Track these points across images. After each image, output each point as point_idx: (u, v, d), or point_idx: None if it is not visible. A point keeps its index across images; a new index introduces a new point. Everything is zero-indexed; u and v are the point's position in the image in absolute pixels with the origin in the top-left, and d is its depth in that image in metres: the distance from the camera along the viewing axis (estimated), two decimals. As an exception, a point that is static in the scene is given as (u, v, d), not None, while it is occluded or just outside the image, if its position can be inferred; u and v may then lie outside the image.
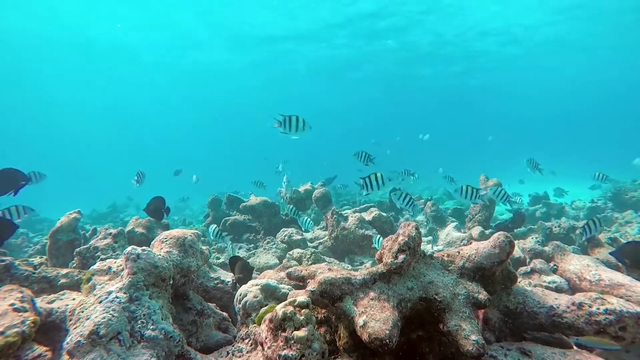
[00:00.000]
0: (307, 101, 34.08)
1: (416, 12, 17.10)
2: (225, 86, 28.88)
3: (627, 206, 8.01)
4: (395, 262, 2.04)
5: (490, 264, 2.13)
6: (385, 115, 44.77)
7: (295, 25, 18.48)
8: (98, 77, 26.28)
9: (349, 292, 1.99)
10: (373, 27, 18.68)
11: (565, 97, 33.74)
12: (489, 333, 2.23)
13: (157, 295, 2.24)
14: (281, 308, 1.83)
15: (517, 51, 21.16)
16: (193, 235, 2.88)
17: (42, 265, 3.62)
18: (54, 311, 2.66)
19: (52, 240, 4.31)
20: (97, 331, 1.87)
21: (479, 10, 16.62)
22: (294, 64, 24.41)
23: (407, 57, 22.54)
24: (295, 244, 5.80)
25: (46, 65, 23.75)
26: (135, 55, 22.51)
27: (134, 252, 2.28)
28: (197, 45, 21.15)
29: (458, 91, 30.07)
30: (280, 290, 2.81)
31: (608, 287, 3.04)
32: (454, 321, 1.84)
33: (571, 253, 3.84)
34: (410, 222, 2.24)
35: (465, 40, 19.84)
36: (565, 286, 3.47)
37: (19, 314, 2.22)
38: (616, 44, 19.73)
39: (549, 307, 2.18)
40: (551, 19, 17.16)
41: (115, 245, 4.04)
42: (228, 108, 37.79)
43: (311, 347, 1.73)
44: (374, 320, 1.76)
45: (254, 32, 19.26)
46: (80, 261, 3.88)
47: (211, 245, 6.32)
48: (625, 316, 2.01)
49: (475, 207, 6.06)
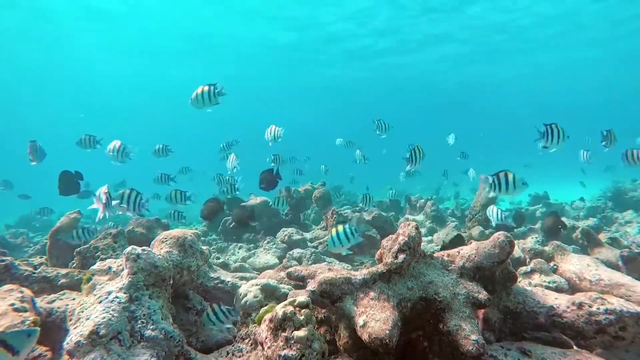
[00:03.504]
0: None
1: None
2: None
3: (627, 206, 8.01)
4: (395, 261, 2.04)
5: (490, 264, 2.13)
6: (383, 114, 44.65)
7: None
8: (99, 76, 26.23)
9: (349, 292, 1.99)
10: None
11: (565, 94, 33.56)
12: (489, 333, 2.23)
13: (157, 295, 2.24)
14: (281, 308, 1.83)
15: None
16: (193, 235, 2.88)
17: (42, 265, 3.62)
18: (54, 311, 2.66)
19: (52, 240, 4.31)
20: (97, 331, 1.87)
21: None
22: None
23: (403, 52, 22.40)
24: (296, 244, 5.79)
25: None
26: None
27: (134, 252, 2.28)
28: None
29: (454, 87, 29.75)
30: (281, 290, 2.81)
31: (608, 287, 3.04)
32: (454, 321, 1.84)
33: (571, 253, 3.84)
34: (410, 221, 2.24)
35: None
36: (565, 286, 3.46)
37: (19, 314, 2.22)
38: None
39: (549, 307, 2.18)
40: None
41: (115, 245, 4.03)
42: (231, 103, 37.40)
43: (311, 347, 1.73)
44: (374, 320, 1.76)
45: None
46: (80, 261, 3.88)
47: (211, 245, 6.32)
48: (625, 316, 2.00)
49: (475, 207, 6.06)
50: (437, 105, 38.09)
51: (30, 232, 8.80)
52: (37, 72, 24.12)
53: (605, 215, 7.65)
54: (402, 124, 41.11)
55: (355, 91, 31.05)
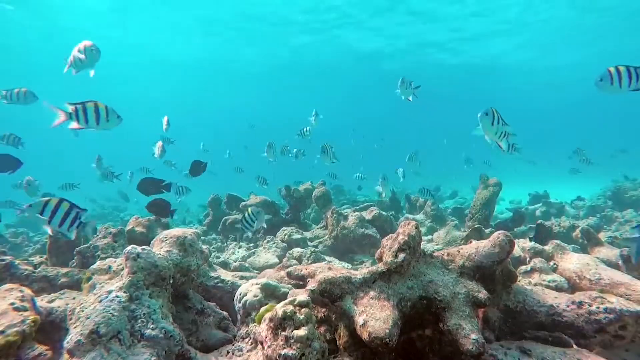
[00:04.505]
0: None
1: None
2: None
3: (627, 205, 8.02)
4: (395, 261, 2.04)
5: (490, 263, 2.13)
6: (380, 113, 44.48)
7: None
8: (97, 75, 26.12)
9: (349, 291, 1.99)
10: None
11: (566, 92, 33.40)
12: (489, 332, 2.23)
13: (157, 294, 2.25)
14: (281, 307, 1.83)
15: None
16: (193, 234, 2.88)
17: (42, 265, 3.62)
18: (54, 310, 2.66)
19: (52, 239, 4.31)
20: (97, 330, 1.87)
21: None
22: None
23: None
24: (295, 243, 5.80)
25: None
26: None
27: (134, 251, 2.28)
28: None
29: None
30: (281, 290, 2.81)
31: (608, 286, 3.04)
32: (454, 320, 1.84)
33: (571, 252, 3.84)
34: (410, 221, 2.24)
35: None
36: (565, 285, 3.46)
37: (19, 313, 2.22)
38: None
39: (549, 306, 2.19)
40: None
41: (115, 244, 4.03)
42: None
43: (311, 346, 1.73)
44: (374, 319, 1.76)
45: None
46: (80, 260, 3.88)
47: (211, 244, 6.32)
48: (625, 315, 2.01)
49: (475, 206, 6.06)
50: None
51: (30, 232, 8.80)
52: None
53: (605, 214, 7.66)
54: (402, 125, 40.68)
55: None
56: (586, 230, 4.61)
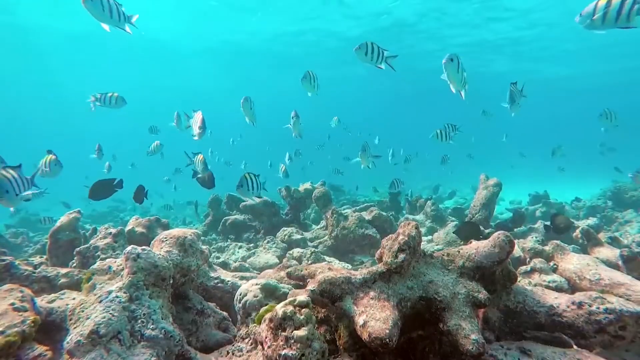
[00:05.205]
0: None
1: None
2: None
3: (627, 205, 8.02)
4: (395, 261, 2.04)
5: (490, 263, 2.13)
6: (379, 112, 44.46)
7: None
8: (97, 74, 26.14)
9: (349, 292, 1.99)
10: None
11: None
12: (489, 332, 2.23)
13: (157, 294, 2.24)
14: (281, 307, 1.83)
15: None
16: (193, 234, 2.88)
17: (42, 265, 3.62)
18: (54, 310, 2.66)
19: (52, 239, 4.31)
20: (97, 330, 1.87)
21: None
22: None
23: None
24: (295, 244, 5.80)
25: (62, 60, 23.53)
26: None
27: (134, 251, 2.28)
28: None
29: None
30: (281, 290, 2.81)
31: (608, 287, 3.04)
32: (454, 320, 1.84)
33: (571, 252, 3.84)
34: (410, 221, 2.24)
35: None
36: (565, 285, 3.47)
37: (19, 314, 2.22)
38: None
39: (549, 307, 2.19)
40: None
41: (115, 244, 4.04)
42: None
43: (311, 346, 1.73)
44: (374, 320, 1.76)
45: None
46: (80, 260, 3.88)
47: (211, 244, 6.32)
48: (625, 315, 2.01)
49: (475, 207, 6.06)
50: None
51: (30, 232, 8.80)
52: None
53: (606, 214, 7.66)
54: (402, 124, 40.47)
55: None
56: (586, 231, 4.62)
